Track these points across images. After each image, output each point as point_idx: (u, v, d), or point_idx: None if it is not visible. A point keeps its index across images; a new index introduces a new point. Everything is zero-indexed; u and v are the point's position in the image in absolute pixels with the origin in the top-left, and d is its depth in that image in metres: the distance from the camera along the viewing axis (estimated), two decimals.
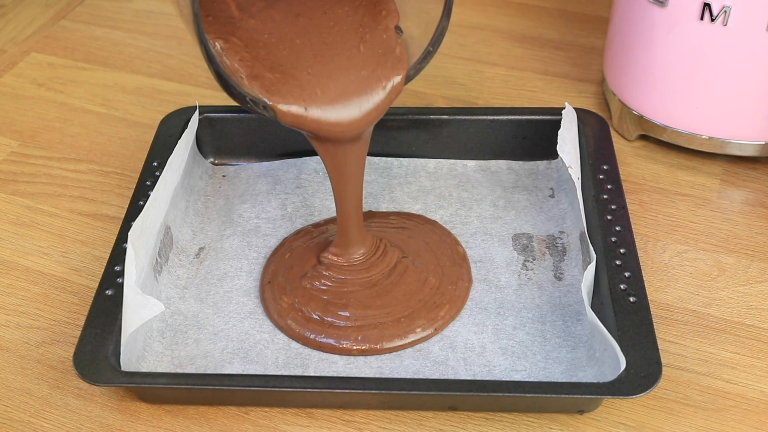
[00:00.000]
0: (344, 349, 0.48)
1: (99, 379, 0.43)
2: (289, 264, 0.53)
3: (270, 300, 0.51)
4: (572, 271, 0.51)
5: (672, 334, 0.49)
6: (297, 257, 0.53)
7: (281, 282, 0.52)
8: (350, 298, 0.50)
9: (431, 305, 0.50)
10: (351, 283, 0.51)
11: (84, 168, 0.62)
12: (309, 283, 0.51)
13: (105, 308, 0.47)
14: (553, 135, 0.55)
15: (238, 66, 0.45)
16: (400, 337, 0.48)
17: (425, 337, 0.48)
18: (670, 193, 0.58)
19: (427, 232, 0.55)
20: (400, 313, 0.49)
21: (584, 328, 0.48)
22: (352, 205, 0.50)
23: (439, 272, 0.52)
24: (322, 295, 0.50)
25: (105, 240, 0.56)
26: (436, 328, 0.49)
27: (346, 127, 0.46)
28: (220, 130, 0.59)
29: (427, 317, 0.49)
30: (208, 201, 0.58)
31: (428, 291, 0.51)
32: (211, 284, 0.52)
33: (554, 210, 0.56)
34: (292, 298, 0.50)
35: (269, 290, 0.51)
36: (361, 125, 0.46)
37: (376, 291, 0.51)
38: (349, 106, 0.46)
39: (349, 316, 0.49)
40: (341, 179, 0.49)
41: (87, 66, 0.73)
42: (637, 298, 0.46)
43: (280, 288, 0.51)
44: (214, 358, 0.48)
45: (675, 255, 0.54)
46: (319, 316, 0.49)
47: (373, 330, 0.48)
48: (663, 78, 0.58)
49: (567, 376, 0.46)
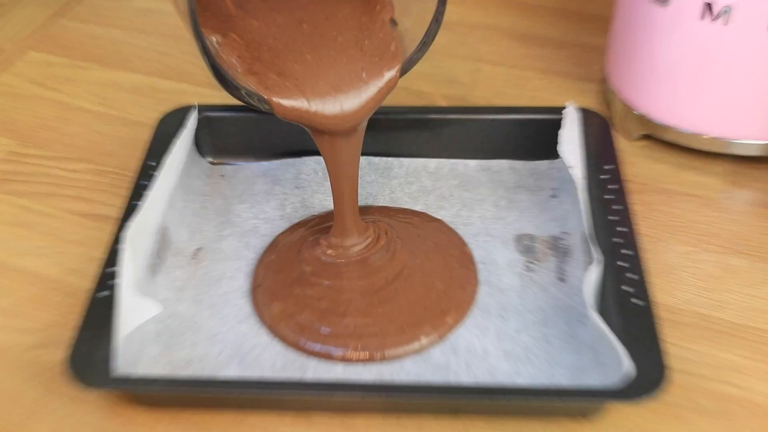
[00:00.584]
0: (343, 357, 0.46)
1: (93, 382, 0.42)
2: (277, 267, 0.51)
3: (261, 306, 0.49)
4: (576, 272, 0.50)
5: (678, 338, 0.48)
6: (284, 258, 0.52)
7: (271, 286, 0.50)
8: (350, 306, 0.49)
9: (437, 311, 0.48)
10: (350, 289, 0.50)
11: (81, 167, 0.61)
12: (301, 290, 0.50)
13: (100, 310, 0.45)
14: (554, 134, 0.55)
15: (235, 62, 0.44)
16: (403, 346, 0.47)
17: (429, 344, 0.47)
18: (675, 194, 0.57)
19: (435, 230, 0.53)
20: (403, 321, 0.48)
21: (589, 331, 0.47)
22: (347, 190, 0.50)
23: (447, 275, 0.50)
24: (318, 303, 0.49)
25: (101, 241, 0.55)
26: (441, 334, 0.47)
27: (341, 119, 0.46)
28: (218, 129, 0.58)
29: (433, 324, 0.48)
30: (205, 201, 0.57)
31: (435, 296, 0.49)
32: (209, 286, 0.51)
33: (557, 210, 0.55)
34: (284, 304, 0.49)
35: (259, 295, 0.50)
36: (355, 118, 0.46)
37: (378, 298, 0.49)
38: (344, 99, 0.46)
39: (349, 325, 0.48)
40: (337, 166, 0.49)
41: (85, 65, 0.72)
42: (642, 300, 0.45)
43: (270, 293, 0.50)
44: (211, 361, 0.46)
45: (680, 256, 0.52)
46: (315, 324, 0.48)
47: (374, 339, 0.47)
48: (666, 77, 0.57)
49: (572, 381, 0.44)
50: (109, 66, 0.71)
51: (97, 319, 0.45)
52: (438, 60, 0.70)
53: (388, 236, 0.52)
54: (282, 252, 0.52)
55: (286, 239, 0.53)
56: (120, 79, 0.70)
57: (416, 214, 0.55)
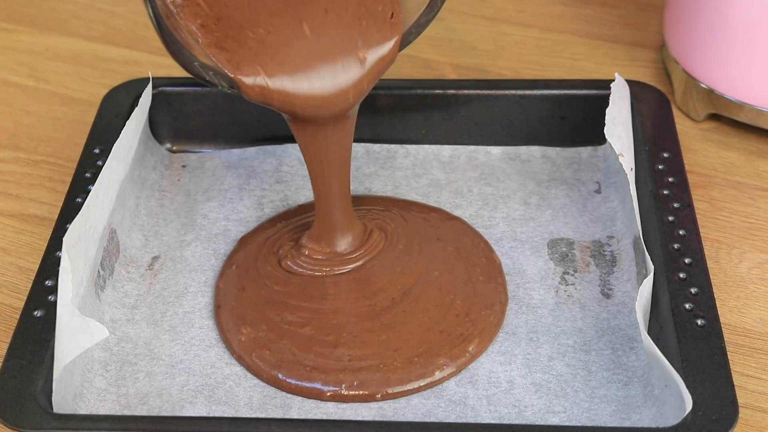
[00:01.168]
0: (334, 395, 0.47)
1: (25, 423, 0.43)
2: (240, 284, 0.52)
3: (226, 331, 0.50)
4: (624, 286, 0.51)
5: (751, 367, 0.49)
6: (249, 270, 0.53)
7: (236, 307, 0.51)
8: (342, 332, 0.50)
9: (456, 338, 0.49)
10: (342, 310, 0.51)
11: (6, 156, 0.62)
12: (277, 313, 0.51)
13: (33, 334, 0.46)
14: (599, 114, 0.55)
15: (195, 30, 0.45)
16: (411, 382, 0.48)
17: (444, 378, 0.48)
18: (748, 188, 0.58)
19: (456, 231, 0.54)
20: (413, 351, 0.49)
21: (639, 358, 0.48)
22: (335, 187, 0.51)
23: (470, 292, 0.51)
24: (300, 329, 0.50)
25: (33, 248, 0.56)
26: (460, 366, 0.48)
27: (327, 101, 0.47)
28: (179, 108, 0.59)
29: (450, 354, 0.49)
30: (163, 198, 0.58)
31: (454, 319, 0.50)
32: (168, 303, 0.52)
33: (601, 209, 0.56)
34: (256, 330, 0.50)
35: (223, 318, 0.51)
36: (344, 100, 0.47)
37: (381, 323, 0.50)
38: (330, 76, 0.46)
39: (342, 356, 0.49)
40: (322, 164, 0.50)
41: (10, 27, 0.72)
42: (706, 320, 0.46)
43: (236, 315, 0.51)
44: (172, 396, 0.47)
45: (755, 266, 0.54)
46: (296, 355, 0.49)
47: (375, 373, 0.48)
48: (739, 43, 0.58)
49: (618, 419, 0.45)
50: (40, 28, 0.72)
51: (30, 345, 0.46)
52: (451, 21, 0.71)
53: (391, 236, 0.54)
54: (246, 261, 0.54)
55: (252, 243, 0.54)
56: (55, 44, 0.71)
57: (432, 209, 0.56)
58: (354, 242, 0.53)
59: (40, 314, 0.47)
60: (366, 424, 0.44)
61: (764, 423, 0.47)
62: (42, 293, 0.48)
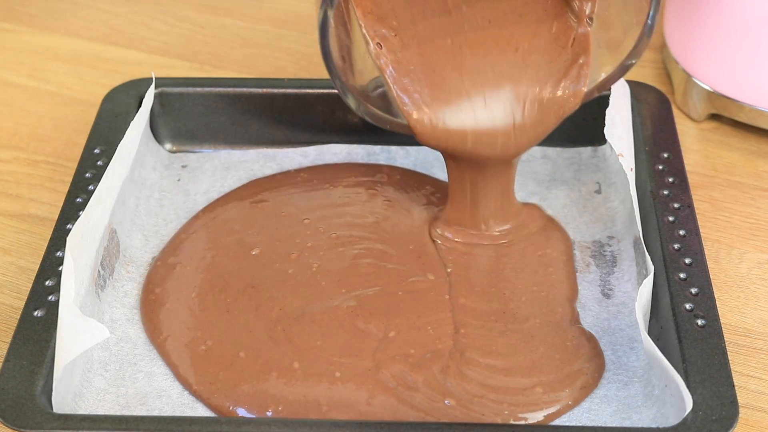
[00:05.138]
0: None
1: (25, 423, 0.43)
2: (191, 312, 0.51)
3: (191, 384, 0.48)
4: (624, 286, 0.51)
5: (751, 367, 0.49)
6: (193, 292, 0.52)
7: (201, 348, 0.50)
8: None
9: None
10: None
11: (7, 156, 0.62)
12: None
13: (33, 334, 0.46)
14: (599, 114, 0.55)
15: (386, 63, 0.49)
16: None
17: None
18: (749, 188, 0.58)
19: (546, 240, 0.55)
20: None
21: (639, 358, 0.48)
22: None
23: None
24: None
25: (33, 248, 0.56)
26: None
27: (500, 146, 0.49)
28: (179, 108, 0.59)
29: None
30: (163, 198, 0.58)
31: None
32: None
33: (601, 210, 0.56)
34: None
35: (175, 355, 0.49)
36: (517, 145, 0.50)
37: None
38: (507, 118, 0.49)
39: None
40: (477, 192, 0.52)
41: (10, 27, 0.73)
42: (706, 320, 0.46)
43: (206, 358, 0.49)
44: (172, 397, 0.47)
45: (755, 266, 0.54)
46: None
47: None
48: (739, 43, 0.58)
49: (618, 419, 0.45)
50: (41, 29, 0.72)
51: (30, 345, 0.46)
52: None
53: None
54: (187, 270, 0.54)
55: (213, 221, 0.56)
56: (55, 44, 0.71)
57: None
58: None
59: (41, 314, 0.47)
60: (366, 424, 0.44)
61: (764, 423, 0.47)
62: (42, 293, 0.48)
